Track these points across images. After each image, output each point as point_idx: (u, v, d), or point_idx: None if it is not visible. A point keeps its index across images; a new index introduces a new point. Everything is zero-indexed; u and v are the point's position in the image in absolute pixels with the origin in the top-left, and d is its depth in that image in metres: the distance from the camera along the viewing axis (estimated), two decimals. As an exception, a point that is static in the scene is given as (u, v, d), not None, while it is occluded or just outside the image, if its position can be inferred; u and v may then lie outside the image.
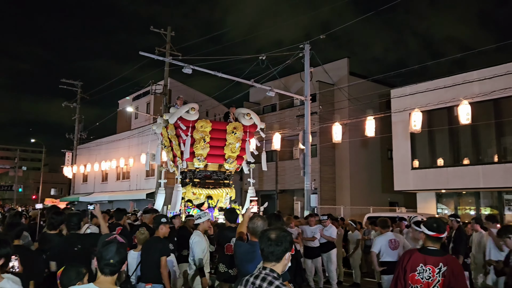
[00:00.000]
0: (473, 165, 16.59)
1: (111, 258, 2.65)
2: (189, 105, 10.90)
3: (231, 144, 11.24)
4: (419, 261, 3.61)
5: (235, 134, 11.15)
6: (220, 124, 11.44)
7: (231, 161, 11.44)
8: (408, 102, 17.01)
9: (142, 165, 26.03)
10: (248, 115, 11.43)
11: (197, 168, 11.19)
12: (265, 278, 2.70)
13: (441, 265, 3.50)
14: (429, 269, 3.53)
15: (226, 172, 11.72)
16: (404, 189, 19.09)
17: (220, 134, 11.15)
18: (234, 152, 11.39)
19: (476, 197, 17.47)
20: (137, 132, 27.62)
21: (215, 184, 11.48)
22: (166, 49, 22.13)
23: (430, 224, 3.71)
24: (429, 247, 3.68)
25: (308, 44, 15.38)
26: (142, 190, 26.00)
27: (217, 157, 11.34)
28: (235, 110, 12.20)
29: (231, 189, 11.76)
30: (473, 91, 15.34)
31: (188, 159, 10.86)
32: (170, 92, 25.80)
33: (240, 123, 11.33)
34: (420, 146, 18.36)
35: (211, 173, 11.49)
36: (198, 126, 10.80)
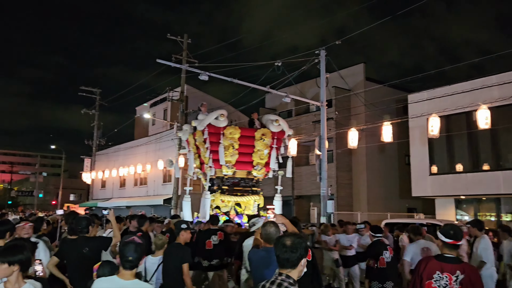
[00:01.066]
0: (493, 170, 16.31)
1: (130, 255, 3.19)
2: (218, 112, 10.82)
3: (260, 150, 11.13)
4: (436, 269, 3.54)
5: (264, 140, 11.03)
6: (249, 131, 11.30)
7: (259, 168, 11.35)
8: (425, 107, 16.84)
9: (159, 171, 26.29)
10: (277, 122, 11.30)
11: (226, 175, 11.08)
12: (281, 284, 2.72)
13: (458, 273, 3.44)
14: (446, 277, 3.46)
15: (254, 179, 11.59)
16: (422, 195, 18.85)
17: (248, 141, 11.04)
18: (263, 159, 11.28)
19: (497, 203, 17.16)
20: (154, 139, 27.87)
21: (243, 192, 11.35)
22: (183, 56, 22.36)
23: (446, 231, 3.63)
24: (446, 255, 3.60)
25: (324, 50, 15.35)
26: (159, 196, 26.17)
27: (246, 164, 11.24)
28: (257, 116, 12.16)
29: (259, 196, 11.63)
30: (492, 95, 15.11)
31: (216, 166, 10.80)
32: (187, 99, 26.03)
33: (268, 130, 11.19)
34: (438, 151, 18.14)
35: (239, 180, 11.38)
36: (227, 132, 10.69)
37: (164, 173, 26.74)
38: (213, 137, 10.70)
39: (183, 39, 22.65)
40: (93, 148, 34.04)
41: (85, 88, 32.87)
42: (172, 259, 5.14)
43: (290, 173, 12.18)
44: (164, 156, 24.66)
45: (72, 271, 4.82)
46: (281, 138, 11.55)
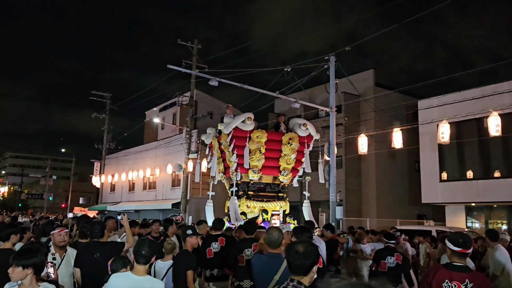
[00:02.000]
0: (505, 178, 16.17)
1: (143, 250, 3.47)
2: (245, 115, 10.53)
3: (287, 155, 10.84)
4: (445, 277, 3.53)
5: (291, 145, 10.75)
6: (276, 135, 11.00)
7: (286, 173, 11.06)
8: (435, 114, 16.77)
9: (168, 175, 26.41)
10: (305, 126, 11.05)
11: (252, 180, 10.78)
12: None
13: (467, 281, 3.43)
14: (455, 286, 3.46)
15: (281, 185, 11.29)
16: (432, 201, 18.73)
17: (275, 145, 10.76)
18: (289, 164, 11.00)
19: (509, 211, 17.00)
20: (163, 143, 27.98)
21: (269, 197, 11.05)
22: (193, 61, 22.50)
23: (455, 240, 3.62)
24: (455, 263, 3.60)
25: (333, 55, 15.37)
26: (168, 200, 26.25)
27: (272, 168, 10.95)
28: (283, 119, 11.89)
29: (286, 202, 11.33)
30: (503, 102, 15.02)
31: (242, 170, 10.55)
32: (196, 104, 26.13)
33: (296, 134, 10.94)
34: (449, 158, 18.03)
35: (265, 186, 11.08)
36: (254, 136, 10.40)
37: (173, 177, 26.84)
38: (240, 140, 10.41)
39: (193, 44, 22.81)
40: (102, 152, 34.29)
41: (96, 92, 33.17)
42: (179, 265, 5.15)
43: (322, 179, 12.13)
44: (173, 161, 24.76)
45: (85, 276, 4.83)
46: (309, 142, 11.28)
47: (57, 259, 4.89)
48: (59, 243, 4.97)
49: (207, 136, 11.92)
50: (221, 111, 32.20)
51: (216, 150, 11.56)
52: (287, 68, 15.39)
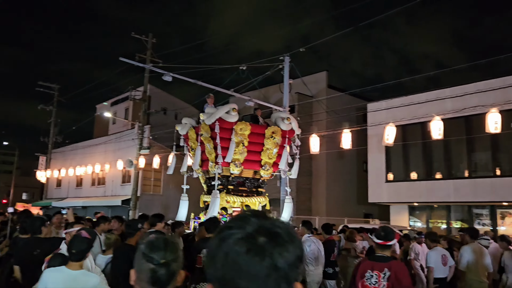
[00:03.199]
0: (445, 179, 17.10)
1: (74, 249, 3.44)
2: (229, 106, 10.09)
3: (269, 149, 10.53)
4: (368, 268, 3.82)
5: (274, 139, 10.43)
6: (259, 128, 10.60)
7: (267, 168, 10.75)
8: (383, 116, 17.42)
9: (118, 171, 25.84)
10: (288, 120, 10.73)
11: (232, 174, 10.38)
12: None
13: (386, 270, 3.68)
14: (375, 275, 3.71)
15: (260, 180, 11.00)
16: (378, 201, 19.49)
17: (258, 139, 10.39)
18: (271, 159, 10.70)
19: (447, 210, 17.98)
20: (114, 138, 27.37)
21: (248, 192, 10.73)
22: (147, 55, 22.13)
23: (378, 233, 3.94)
24: (378, 254, 3.90)
25: (288, 56, 15.67)
26: (118, 196, 25.74)
27: (254, 163, 10.60)
28: (261, 112, 11.55)
29: (265, 198, 11.11)
30: (445, 107, 15.86)
31: (224, 164, 10.09)
32: (150, 99, 25.70)
33: (279, 128, 10.62)
34: (395, 159, 18.82)
35: (245, 180, 10.72)
36: (238, 128, 9.98)
37: (124, 173, 26.31)
38: (223, 132, 9.96)
39: (147, 38, 22.44)
40: (49, 146, 33.01)
41: (43, 83, 31.86)
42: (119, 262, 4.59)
43: (295, 174, 11.65)
44: (123, 156, 24.28)
45: (24, 273, 4.67)
46: (290, 137, 11.01)
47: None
48: None
49: (183, 127, 11.28)
50: (175, 107, 31.94)
51: (192, 142, 10.98)
52: (242, 66, 15.54)
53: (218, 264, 0.92)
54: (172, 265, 1.78)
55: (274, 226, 0.94)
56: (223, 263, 0.91)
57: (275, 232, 0.93)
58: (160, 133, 24.90)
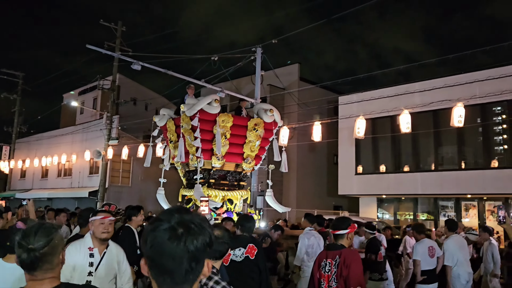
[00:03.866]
0: (412, 172, 17.49)
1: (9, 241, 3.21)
2: (211, 97, 9.77)
3: (251, 142, 10.33)
4: (323, 257, 3.93)
5: (256, 131, 10.24)
6: (242, 120, 10.39)
7: (249, 161, 10.55)
8: (354, 109, 17.62)
9: (85, 162, 25.33)
10: (271, 111, 10.50)
11: (214, 167, 10.15)
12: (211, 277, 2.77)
13: (337, 257, 3.79)
14: (329, 263, 3.83)
15: (242, 173, 10.84)
16: (348, 193, 19.78)
17: (240, 131, 10.19)
18: (253, 151, 10.52)
19: (414, 203, 18.43)
20: (81, 128, 26.80)
21: (229, 186, 10.55)
22: (116, 44, 21.65)
23: (333, 223, 4.09)
24: (331, 243, 4.08)
25: (260, 47, 15.62)
26: (85, 188, 25.27)
27: (236, 155, 10.41)
28: (245, 104, 11.38)
29: (247, 191, 10.98)
30: (414, 101, 16.17)
31: (206, 157, 9.86)
32: (119, 89, 25.25)
33: (261, 120, 10.42)
34: (364, 152, 19.11)
35: (226, 173, 10.52)
36: (220, 120, 9.73)
37: (91, 164, 25.81)
38: (205, 124, 9.70)
39: (117, 26, 21.93)
40: (12, 135, 31.99)
41: (6, 71, 30.74)
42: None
43: (285, 167, 11.52)
44: (91, 147, 23.81)
45: None
46: (273, 129, 10.82)
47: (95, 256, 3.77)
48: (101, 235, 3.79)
49: (161, 118, 10.98)
50: (145, 97, 31.45)
51: (171, 134, 10.69)
52: (214, 57, 15.41)
53: (148, 246, 1.27)
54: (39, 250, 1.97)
55: (191, 221, 1.29)
56: (152, 245, 1.26)
57: (190, 225, 1.28)
58: (129, 124, 24.51)
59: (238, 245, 4.49)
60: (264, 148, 10.90)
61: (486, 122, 16.08)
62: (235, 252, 4.47)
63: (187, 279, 1.28)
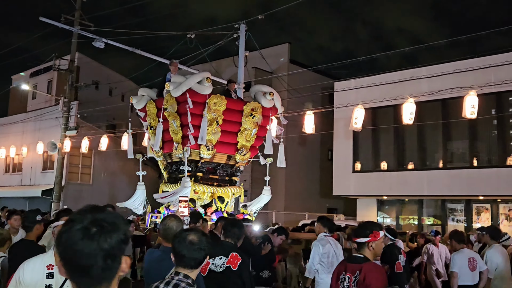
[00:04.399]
0: (418, 170, 17.63)
1: None
2: (202, 74, 9.43)
3: (247, 130, 10.00)
4: (342, 270, 3.86)
5: (253, 117, 9.88)
6: (236, 103, 9.97)
7: (244, 152, 10.20)
8: (352, 97, 17.58)
9: (38, 155, 25.04)
10: (271, 95, 10.19)
11: (203, 159, 9.71)
12: (178, 284, 2.79)
13: (357, 272, 3.70)
14: (348, 277, 3.75)
15: (235, 166, 10.50)
16: (344, 194, 19.88)
17: (234, 116, 9.81)
18: (249, 141, 10.20)
19: (419, 205, 18.59)
20: (34, 116, 26.45)
21: (219, 181, 10.19)
22: (75, 17, 21.32)
23: (355, 230, 4.01)
24: (353, 255, 4.03)
25: (244, 24, 15.54)
26: (37, 186, 24.97)
27: (228, 145, 10.08)
28: (235, 86, 11.13)
29: (239, 188, 10.72)
30: (421, 89, 16.26)
31: (193, 146, 9.43)
32: (78, 70, 24.91)
33: (259, 104, 10.06)
34: (363, 147, 19.19)
35: (216, 167, 10.13)
36: (211, 103, 9.33)
37: (45, 158, 25.52)
38: (194, 107, 9.29)
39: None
40: (-49, 124, 31.44)
41: None
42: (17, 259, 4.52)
43: (283, 162, 11.23)
44: (45, 138, 23.52)
45: None
46: (271, 116, 10.52)
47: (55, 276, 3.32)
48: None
49: (139, 99, 10.52)
50: (109, 81, 31.12)
51: (152, 118, 10.21)
52: (190, 34, 15.28)
53: (62, 247, 1.47)
54: None
55: (103, 219, 1.49)
56: (65, 246, 1.46)
57: (103, 224, 1.47)
58: (91, 111, 24.23)
59: (219, 253, 4.40)
60: (261, 138, 10.62)
61: (502, 113, 16.26)
62: (214, 260, 4.37)
63: (105, 277, 1.48)
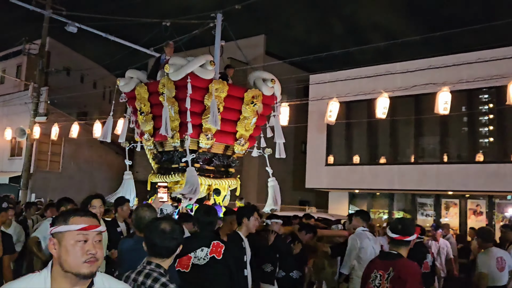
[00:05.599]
0: (389, 164, 17.91)
1: None
2: (205, 57, 8.79)
3: (247, 118, 9.49)
4: (374, 266, 3.71)
5: (254, 105, 9.36)
6: (237, 90, 9.38)
7: (243, 142, 9.71)
8: (327, 90, 17.72)
9: (5, 141, 24.66)
10: (273, 82, 9.69)
11: (201, 148, 9.15)
12: (150, 274, 2.80)
13: (390, 269, 3.54)
14: (380, 275, 3.59)
15: (232, 157, 9.96)
16: (316, 187, 20.06)
17: (235, 104, 9.23)
18: (248, 131, 9.72)
19: (390, 199, 18.88)
20: (1, 101, 25.96)
21: (215, 172, 9.59)
22: (47, 0, 20.89)
23: (395, 226, 3.74)
24: (387, 251, 3.80)
25: (221, 14, 15.43)
26: (5, 173, 24.68)
27: (227, 134, 9.52)
28: (233, 72, 10.60)
29: (236, 180, 10.12)
30: (395, 84, 16.49)
31: (192, 135, 8.82)
32: (49, 55, 24.48)
33: (260, 92, 9.55)
34: (337, 140, 19.38)
35: (212, 157, 9.52)
36: (213, 88, 8.77)
37: (13, 144, 25.10)
38: (195, 93, 8.69)
39: (48, -22, 21.14)
40: None
41: None
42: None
43: (283, 152, 10.65)
44: (13, 124, 23.19)
45: None
46: (270, 105, 10.01)
47: None
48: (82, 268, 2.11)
49: (127, 82, 9.82)
50: (81, 67, 30.65)
51: (142, 103, 9.51)
52: (166, 22, 15.09)
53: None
54: None
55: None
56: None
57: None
58: (61, 98, 23.85)
59: (200, 244, 4.16)
60: (259, 128, 10.27)
61: (472, 111, 16.61)
62: (196, 253, 4.13)
63: None
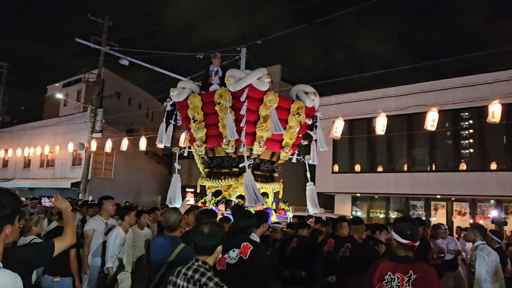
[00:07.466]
0: (386, 172, 17.75)
1: None
2: (261, 70, 8.24)
3: (292, 128, 9.00)
4: (388, 270, 3.19)
5: (299, 116, 8.89)
6: (285, 102, 8.81)
7: (287, 150, 9.27)
8: (333, 111, 17.70)
9: (68, 153, 24.95)
10: (315, 95, 9.20)
11: (253, 155, 8.65)
12: (198, 269, 2.84)
13: (411, 272, 3.11)
14: (397, 278, 3.13)
15: (276, 163, 9.52)
16: (324, 191, 19.93)
17: (283, 114, 8.70)
18: (292, 139, 9.27)
19: (387, 201, 18.71)
20: (65, 120, 26.33)
21: (262, 177, 9.10)
22: (103, 38, 21.33)
23: (403, 232, 3.25)
24: (401, 255, 3.25)
25: (245, 47, 15.56)
26: (67, 179, 24.87)
27: (275, 142, 9.03)
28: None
29: (279, 184, 9.61)
30: (390, 105, 16.40)
31: (247, 142, 8.32)
32: (103, 82, 24.87)
33: (303, 104, 9.00)
34: (341, 152, 19.29)
35: (260, 163, 9.04)
36: (267, 99, 8.21)
37: (74, 156, 25.42)
38: (251, 103, 8.12)
39: (104, 20, 21.59)
40: (-5, 125, 31.23)
41: (-10, 60, 29.96)
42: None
43: (316, 159, 10.04)
44: (74, 139, 23.50)
45: None
46: (310, 115, 9.46)
47: None
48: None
49: (179, 92, 9.17)
50: (128, 92, 31.06)
51: (195, 111, 8.82)
52: (199, 55, 15.25)
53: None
54: None
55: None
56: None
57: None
58: (113, 117, 24.18)
59: (233, 245, 3.92)
60: (300, 137, 9.71)
61: (456, 127, 16.43)
62: (229, 254, 3.91)
63: None
